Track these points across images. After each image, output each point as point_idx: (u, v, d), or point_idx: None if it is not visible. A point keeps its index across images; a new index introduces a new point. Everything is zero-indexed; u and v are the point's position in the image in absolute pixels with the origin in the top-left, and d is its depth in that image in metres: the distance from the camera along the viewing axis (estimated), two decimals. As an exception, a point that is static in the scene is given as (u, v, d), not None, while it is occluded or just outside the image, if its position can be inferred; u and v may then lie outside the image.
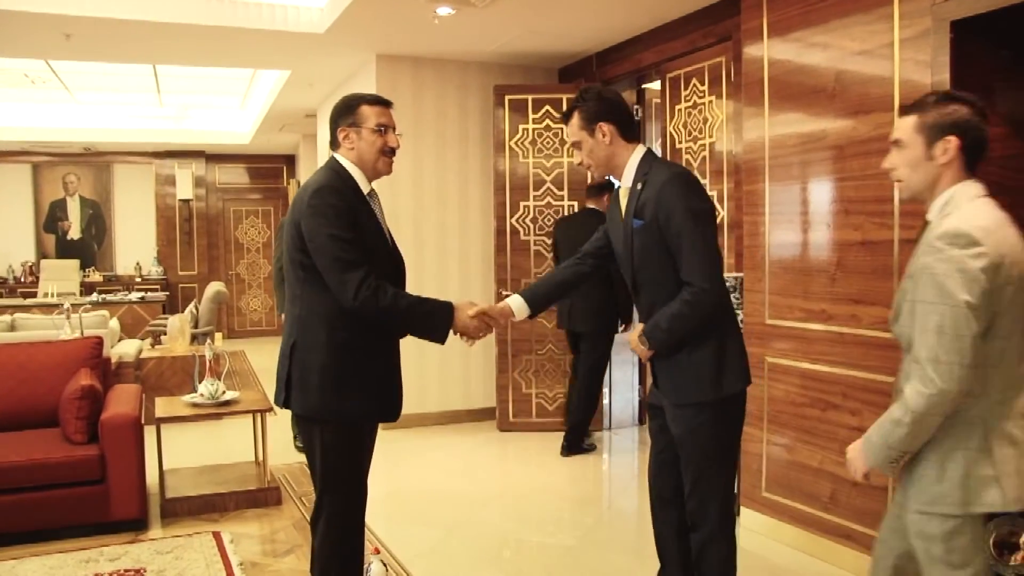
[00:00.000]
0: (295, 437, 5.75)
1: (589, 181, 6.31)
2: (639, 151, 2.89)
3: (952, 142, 2.15)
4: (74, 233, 12.80)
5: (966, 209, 2.14)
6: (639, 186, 2.81)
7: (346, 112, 2.89)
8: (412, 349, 3.00)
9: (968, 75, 3.30)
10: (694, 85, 5.71)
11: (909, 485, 2.21)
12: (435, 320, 2.89)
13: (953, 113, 2.17)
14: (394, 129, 2.93)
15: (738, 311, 4.10)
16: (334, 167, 2.87)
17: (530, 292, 3.16)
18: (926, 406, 2.05)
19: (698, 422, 2.81)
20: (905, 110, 2.28)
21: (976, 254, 2.02)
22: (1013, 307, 2.07)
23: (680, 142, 5.84)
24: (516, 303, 3.11)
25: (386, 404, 2.94)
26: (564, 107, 6.55)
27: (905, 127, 2.23)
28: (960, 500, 2.11)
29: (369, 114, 2.87)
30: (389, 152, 2.90)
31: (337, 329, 2.77)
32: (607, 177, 3.27)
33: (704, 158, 5.57)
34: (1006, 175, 3.37)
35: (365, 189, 2.89)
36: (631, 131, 2.92)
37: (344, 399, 2.80)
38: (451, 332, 2.95)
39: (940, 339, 2.02)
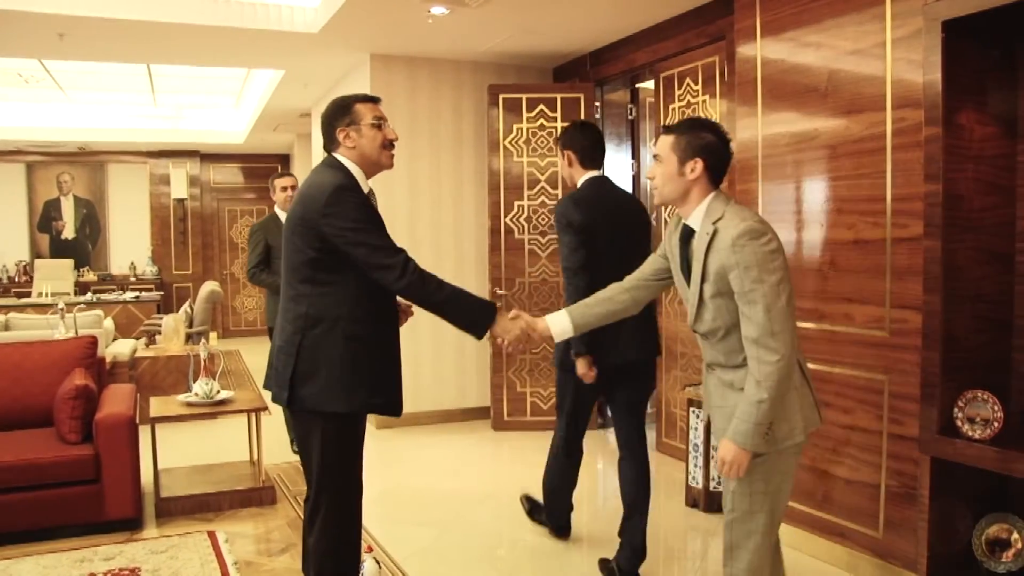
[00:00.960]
0: (292, 440, 5.75)
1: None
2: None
3: (699, 163, 2.61)
4: (68, 233, 12.77)
5: (733, 212, 2.57)
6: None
7: (341, 113, 2.94)
8: (406, 347, 3.02)
9: (959, 74, 3.31)
10: (688, 84, 5.72)
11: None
12: (478, 314, 2.99)
13: (703, 139, 2.61)
14: (387, 122, 2.99)
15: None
16: (337, 166, 2.91)
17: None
18: (776, 373, 2.44)
19: None
20: (665, 130, 2.71)
21: (767, 240, 2.49)
22: (788, 274, 2.54)
23: (674, 141, 5.84)
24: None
25: (392, 398, 2.97)
26: (558, 106, 6.67)
27: (663, 145, 2.68)
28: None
29: (364, 111, 2.93)
30: (389, 145, 2.97)
31: (347, 324, 2.82)
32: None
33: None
34: (997, 174, 3.38)
35: (365, 189, 2.95)
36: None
37: (352, 392, 2.83)
38: (487, 332, 3.00)
39: (768, 315, 2.44)
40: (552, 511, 4.33)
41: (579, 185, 3.91)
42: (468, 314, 2.98)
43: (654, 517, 3.93)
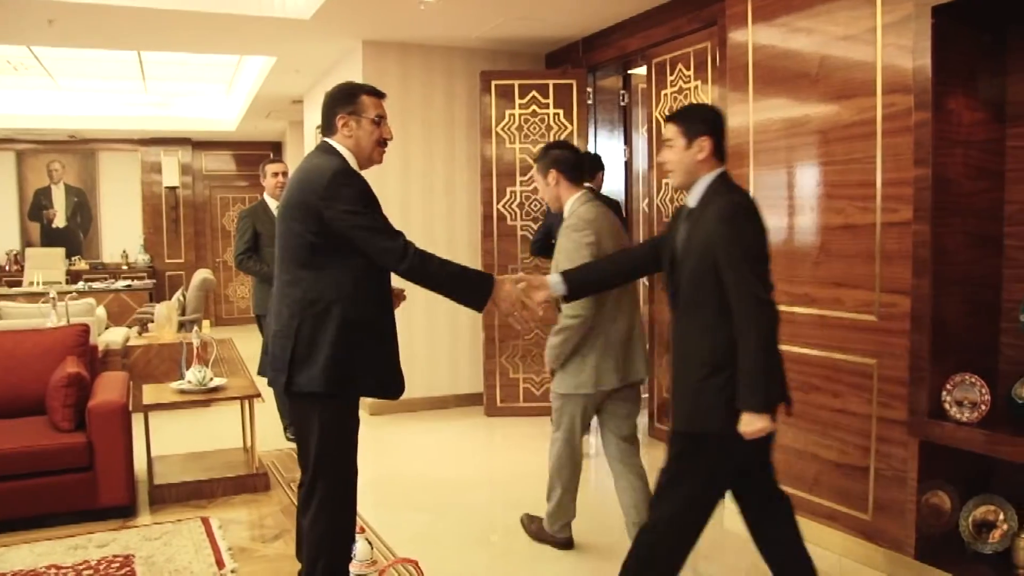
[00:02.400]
0: (286, 428, 5.77)
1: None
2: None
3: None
4: (59, 221, 12.73)
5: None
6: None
7: (346, 100, 2.96)
8: (400, 333, 3.04)
9: (949, 59, 3.32)
10: (680, 70, 5.72)
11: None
12: (477, 287, 3.04)
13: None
14: (386, 120, 3.02)
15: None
16: (333, 152, 2.94)
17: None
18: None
19: None
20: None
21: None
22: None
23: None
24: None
25: (390, 379, 3.01)
26: (551, 92, 6.66)
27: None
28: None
29: (369, 105, 2.97)
30: (383, 143, 3.01)
31: (344, 308, 2.84)
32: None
33: (689, 143, 5.58)
34: (986, 159, 3.40)
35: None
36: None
37: (351, 375, 2.85)
38: (487, 303, 3.05)
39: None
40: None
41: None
42: (468, 288, 3.03)
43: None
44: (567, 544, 4.07)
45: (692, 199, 2.90)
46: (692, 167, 2.88)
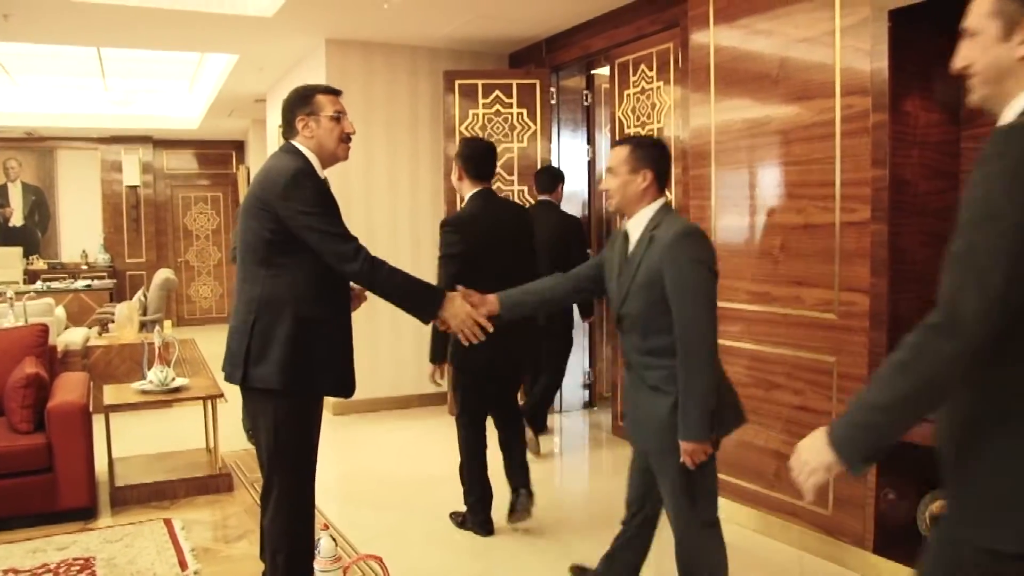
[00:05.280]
0: (247, 430, 5.72)
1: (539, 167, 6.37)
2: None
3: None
4: (16, 220, 12.52)
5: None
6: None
7: (302, 102, 2.98)
8: (365, 334, 3.04)
9: (906, 62, 3.39)
10: (642, 71, 5.76)
11: None
12: (427, 299, 3.03)
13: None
14: (347, 116, 3.03)
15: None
16: (295, 152, 2.95)
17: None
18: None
19: None
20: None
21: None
22: None
23: (628, 127, 5.90)
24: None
25: (343, 379, 3.00)
26: (514, 92, 6.68)
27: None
28: None
29: (325, 103, 2.97)
30: (347, 138, 3.02)
31: (300, 305, 2.84)
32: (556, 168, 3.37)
33: (653, 143, 5.62)
34: (941, 160, 3.47)
35: (320, 176, 2.97)
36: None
37: (302, 373, 2.86)
38: (437, 316, 3.03)
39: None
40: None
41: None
42: (417, 300, 3.03)
43: (616, 502, 3.95)
44: None
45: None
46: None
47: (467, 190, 4.10)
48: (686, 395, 2.64)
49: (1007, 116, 1.63)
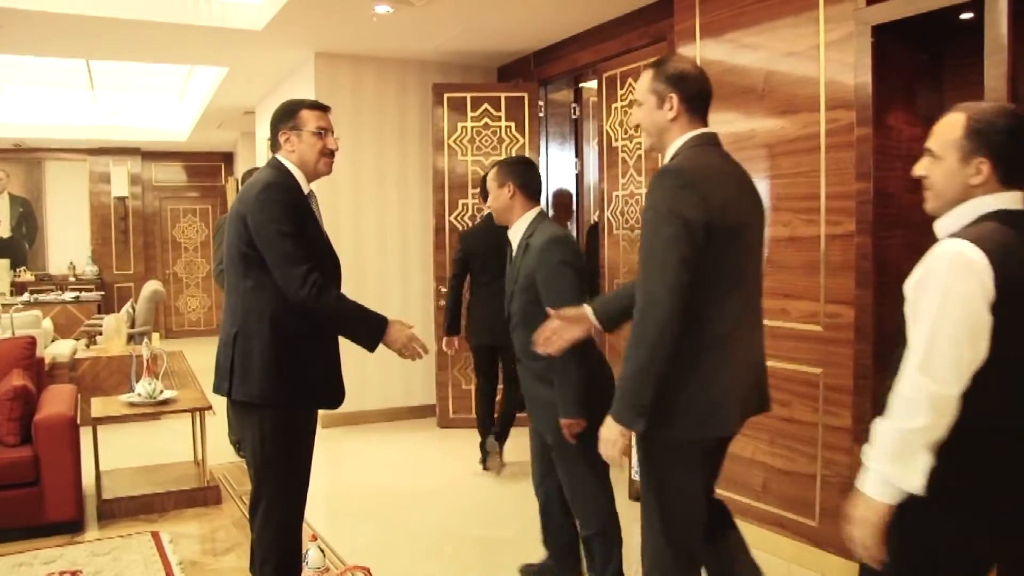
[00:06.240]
0: (236, 443, 5.72)
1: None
2: None
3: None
4: (3, 231, 12.45)
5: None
6: None
7: (286, 116, 3.00)
8: (352, 346, 3.03)
9: (889, 77, 3.43)
10: (630, 84, 5.79)
11: None
12: (369, 328, 2.98)
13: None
14: (332, 132, 3.03)
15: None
16: (277, 166, 2.97)
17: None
18: None
19: None
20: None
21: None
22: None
23: (616, 140, 5.93)
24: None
25: (326, 391, 3.00)
26: (503, 105, 6.71)
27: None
28: None
29: (309, 118, 2.98)
30: (329, 154, 3.02)
31: (280, 319, 2.85)
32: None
33: (640, 156, 5.66)
34: (925, 173, 3.49)
35: (305, 190, 2.99)
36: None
37: (285, 385, 2.86)
38: (380, 343, 3.00)
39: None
40: None
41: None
42: (361, 328, 2.97)
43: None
44: None
45: None
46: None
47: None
48: (560, 381, 3.07)
49: (664, 161, 2.50)
